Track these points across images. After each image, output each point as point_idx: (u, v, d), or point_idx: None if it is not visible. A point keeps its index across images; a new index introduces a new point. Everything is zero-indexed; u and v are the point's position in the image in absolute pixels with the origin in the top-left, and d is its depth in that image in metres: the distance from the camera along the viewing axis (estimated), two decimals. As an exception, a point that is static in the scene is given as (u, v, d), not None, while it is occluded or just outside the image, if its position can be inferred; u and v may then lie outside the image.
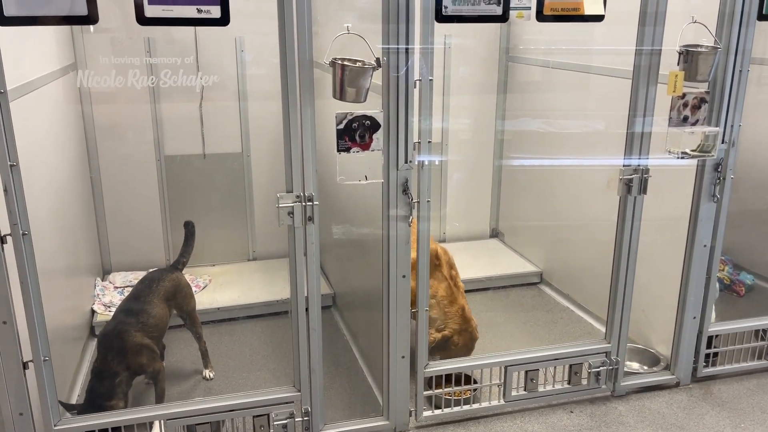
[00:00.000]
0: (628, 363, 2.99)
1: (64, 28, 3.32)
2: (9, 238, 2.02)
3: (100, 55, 3.46)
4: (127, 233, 3.93)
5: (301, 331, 2.37)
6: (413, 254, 2.46)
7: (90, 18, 1.84)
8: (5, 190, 1.97)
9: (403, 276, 2.44)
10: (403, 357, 2.53)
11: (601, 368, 2.81)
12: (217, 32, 3.63)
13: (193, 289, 3.19)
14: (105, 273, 3.91)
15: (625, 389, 2.88)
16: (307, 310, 2.36)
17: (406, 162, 2.31)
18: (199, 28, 3.58)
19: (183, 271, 2.97)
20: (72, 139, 3.38)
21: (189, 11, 1.92)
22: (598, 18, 2.36)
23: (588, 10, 2.33)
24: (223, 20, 1.95)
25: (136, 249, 3.95)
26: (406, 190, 2.34)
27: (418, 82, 2.26)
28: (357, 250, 3.12)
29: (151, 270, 2.97)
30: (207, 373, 3.02)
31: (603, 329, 2.91)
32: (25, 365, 2.14)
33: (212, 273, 3.97)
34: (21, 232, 2.02)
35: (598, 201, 3.41)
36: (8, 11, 1.80)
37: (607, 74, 3.30)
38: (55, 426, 2.26)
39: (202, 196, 3.98)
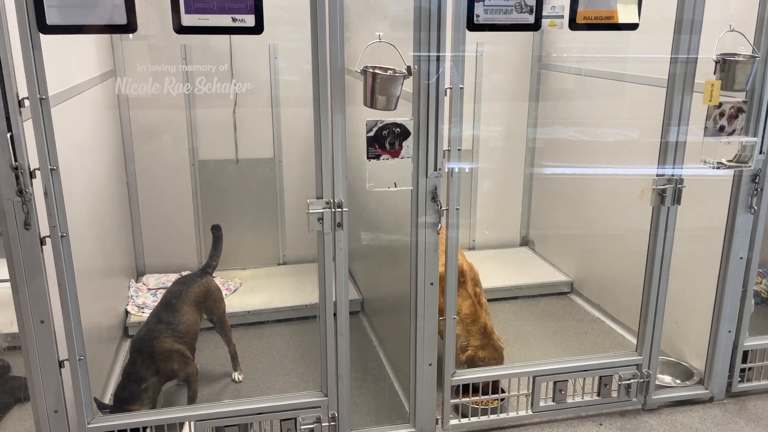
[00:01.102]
0: (660, 376, 2.94)
1: (104, 36, 3.41)
2: (48, 240, 2.07)
3: (137, 62, 3.54)
4: (160, 236, 4.00)
5: (329, 336, 2.39)
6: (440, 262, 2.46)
7: (129, 27, 1.89)
8: (45, 193, 2.03)
9: (431, 283, 2.44)
10: (430, 364, 2.53)
11: (632, 381, 2.77)
12: (251, 39, 3.68)
13: (224, 292, 3.23)
14: (139, 275, 3.99)
15: (656, 403, 2.83)
16: (335, 315, 2.38)
17: (435, 169, 2.32)
18: (234, 36, 3.64)
19: (213, 275, 3.01)
20: (110, 144, 3.47)
21: (224, 20, 1.96)
22: (633, 26, 2.34)
23: (622, 19, 2.31)
24: (258, 29, 1.98)
25: (170, 251, 4.02)
26: (435, 198, 2.34)
27: (448, 90, 2.26)
28: (385, 256, 3.13)
29: (181, 275, 3.02)
30: (236, 375, 3.06)
31: (634, 341, 2.86)
32: (61, 364, 2.20)
33: (243, 276, 4.01)
34: (60, 234, 2.08)
35: (631, 210, 3.36)
36: (51, 20, 1.86)
37: (642, 83, 3.26)
38: (88, 424, 2.31)
39: (234, 200, 4.04)
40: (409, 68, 2.11)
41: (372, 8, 3.07)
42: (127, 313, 3.51)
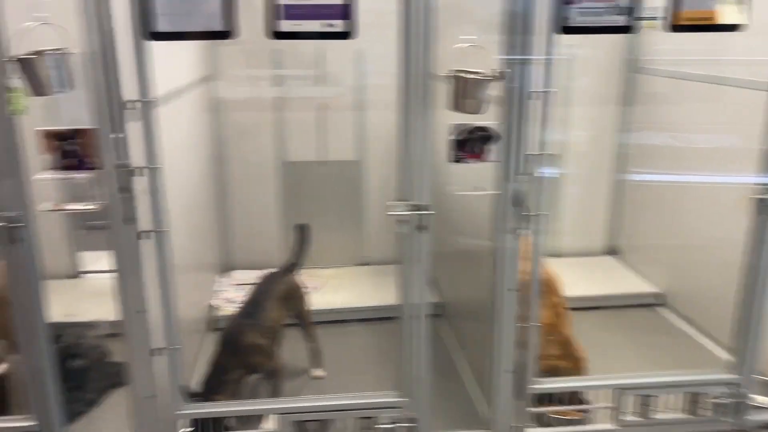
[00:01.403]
0: (757, 397, 2.77)
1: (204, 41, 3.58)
2: (148, 235, 2.20)
3: (232, 66, 3.69)
4: (248, 233, 4.15)
5: (410, 338, 2.40)
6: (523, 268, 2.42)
7: (230, 33, 1.98)
8: (148, 191, 2.15)
9: (511, 289, 2.41)
10: (509, 371, 2.49)
11: (726, 400, 2.63)
12: (339, 43, 3.76)
13: (306, 290, 3.31)
14: (226, 270, 4.15)
15: (752, 424, 2.67)
16: (416, 317, 2.39)
17: (520, 174, 2.29)
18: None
19: (297, 273, 3.09)
20: (204, 144, 3.63)
21: (316, 26, 2.02)
22: (738, 28, 2.22)
23: (725, 19, 2.20)
24: (348, 34, 2.03)
25: (256, 249, 4.16)
26: (519, 203, 2.31)
27: (537, 93, 2.23)
28: (467, 261, 3.11)
29: (266, 272, 3.11)
30: (317, 372, 3.12)
31: (729, 358, 2.71)
32: (155, 352, 2.32)
33: (325, 275, 4.10)
34: (159, 229, 2.20)
35: (727, 220, 3.19)
36: (158, 27, 1.98)
37: (743, 86, 3.09)
38: (177, 411, 2.43)
39: (318, 200, 4.13)
40: (499, 72, 2.10)
41: (458, 12, 3.06)
42: (213, 306, 3.66)
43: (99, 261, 4.13)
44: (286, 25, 2.03)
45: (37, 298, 2.20)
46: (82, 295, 3.79)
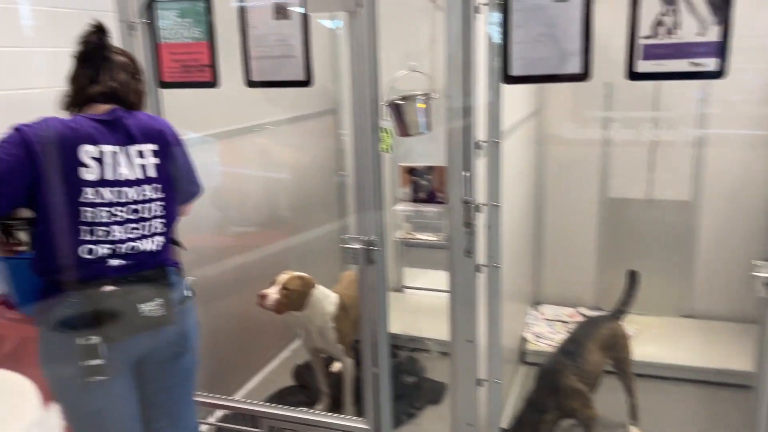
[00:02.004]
0: None
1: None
2: (484, 268, 2.28)
3: (560, 103, 3.68)
4: (560, 267, 4.08)
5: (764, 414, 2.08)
6: None
7: (585, 76, 1.96)
8: (487, 227, 2.24)
9: None
10: None
11: None
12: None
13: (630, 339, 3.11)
14: (536, 303, 4.12)
15: None
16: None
17: None
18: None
19: (623, 320, 2.92)
20: (528, 177, 3.67)
21: (682, 65, 1.88)
22: None
23: None
24: (720, 73, 1.84)
25: (568, 285, 4.07)
26: None
27: None
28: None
29: (591, 315, 3.01)
30: (634, 429, 2.90)
31: None
32: (479, 383, 2.39)
33: (641, 322, 3.80)
34: (494, 264, 2.27)
35: None
36: (514, 71, 2.05)
37: None
38: (493, 443, 2.47)
39: (641, 241, 3.87)
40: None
41: None
42: (524, 339, 3.66)
43: (420, 277, 4.48)
44: (646, 66, 1.93)
45: (384, 312, 2.43)
46: (407, 309, 4.13)
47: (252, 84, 2.34)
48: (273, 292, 2.79)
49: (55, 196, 1.75)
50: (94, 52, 1.90)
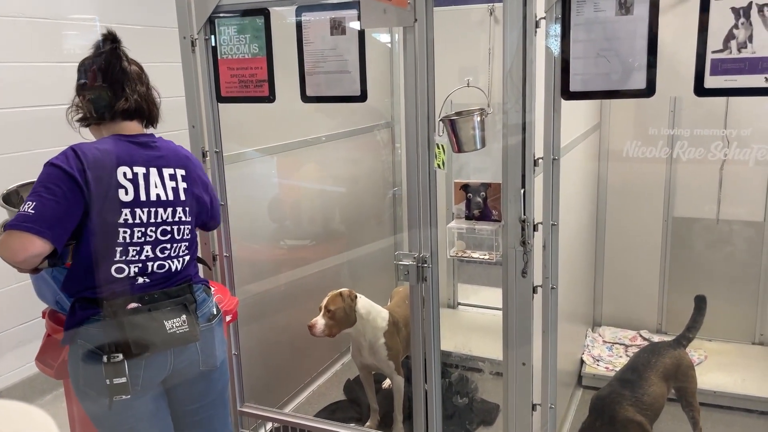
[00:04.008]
0: None
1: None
2: (539, 289, 2.21)
3: (622, 117, 3.56)
4: (621, 289, 3.93)
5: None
6: None
7: (648, 91, 1.88)
8: (544, 246, 2.17)
9: None
10: None
11: None
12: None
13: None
14: (595, 325, 3.98)
15: None
16: None
17: None
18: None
19: (687, 348, 2.78)
20: (587, 195, 3.56)
21: (756, 81, 1.77)
22: None
23: None
24: (797, 89, 1.73)
25: (628, 306, 3.91)
26: None
27: None
28: None
29: (653, 340, 2.87)
30: (700, 463, 2.75)
31: None
32: (533, 407, 2.31)
33: (708, 349, 3.62)
34: (551, 285, 2.19)
35: None
36: (573, 87, 1.99)
37: None
38: (548, 469, 2.37)
39: (707, 263, 3.69)
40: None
41: None
42: (582, 362, 3.54)
43: (475, 293, 4.41)
44: (716, 81, 1.83)
45: (436, 330, 2.39)
46: (460, 326, 4.07)
47: (307, 99, 2.35)
48: (319, 319, 2.80)
49: (99, 220, 1.76)
50: (111, 64, 1.85)
